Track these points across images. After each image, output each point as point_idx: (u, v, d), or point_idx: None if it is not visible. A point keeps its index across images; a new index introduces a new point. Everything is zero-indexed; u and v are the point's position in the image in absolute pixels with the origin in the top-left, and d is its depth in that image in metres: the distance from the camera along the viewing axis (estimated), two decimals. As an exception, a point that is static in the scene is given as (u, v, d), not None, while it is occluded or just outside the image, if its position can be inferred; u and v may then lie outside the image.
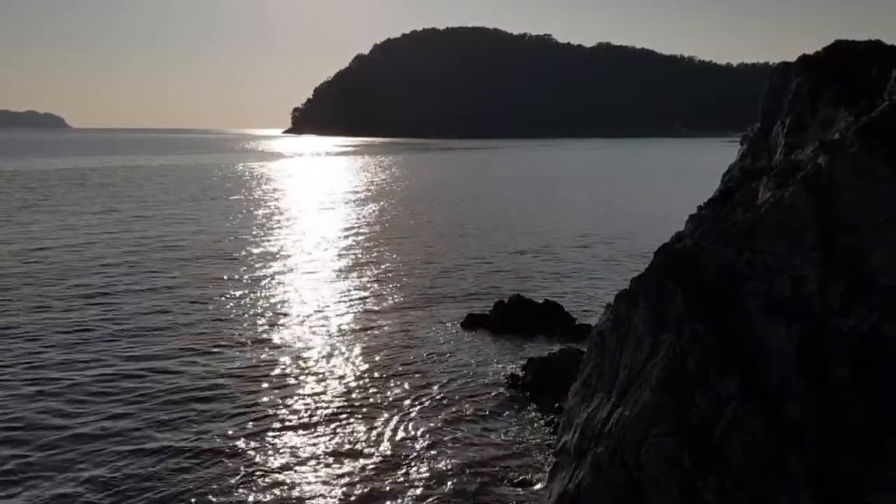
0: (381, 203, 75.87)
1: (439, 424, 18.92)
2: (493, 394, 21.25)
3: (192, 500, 15.08)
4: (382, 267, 40.45)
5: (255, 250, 45.11)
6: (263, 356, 24.28)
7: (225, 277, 36.52)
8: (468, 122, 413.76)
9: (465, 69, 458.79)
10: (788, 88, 15.95)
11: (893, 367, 10.26)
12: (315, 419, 19.13)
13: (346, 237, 52.19)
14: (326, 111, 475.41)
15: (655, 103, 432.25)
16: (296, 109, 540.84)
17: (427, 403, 20.40)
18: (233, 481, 15.80)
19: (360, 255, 44.30)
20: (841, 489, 9.99)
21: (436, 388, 21.66)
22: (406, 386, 21.74)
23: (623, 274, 36.39)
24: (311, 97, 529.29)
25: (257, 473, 16.15)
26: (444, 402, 20.56)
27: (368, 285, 35.76)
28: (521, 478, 15.97)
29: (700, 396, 11.42)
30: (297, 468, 16.41)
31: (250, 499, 15.11)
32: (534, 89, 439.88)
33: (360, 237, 52.13)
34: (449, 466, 16.54)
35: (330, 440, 17.91)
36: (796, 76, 15.70)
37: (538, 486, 15.34)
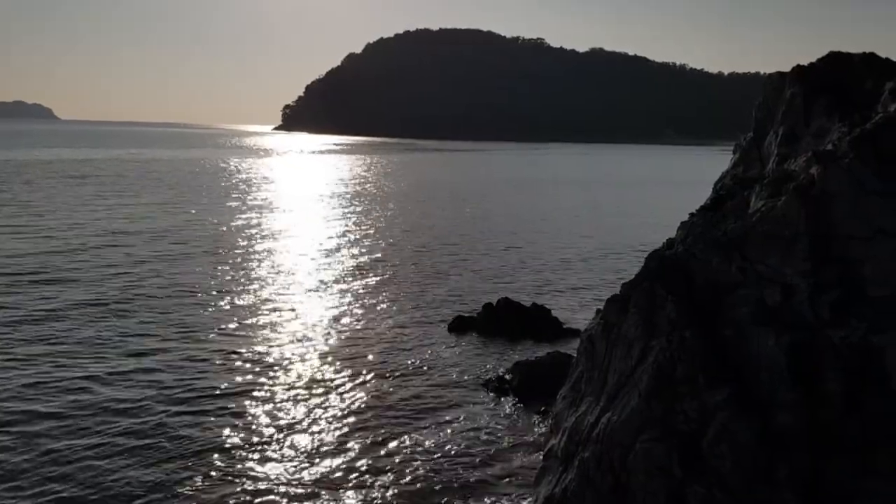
0: (369, 204, 75.74)
1: (424, 427, 18.85)
2: (479, 397, 21.20)
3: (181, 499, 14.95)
4: (369, 267, 40.35)
5: (243, 249, 44.90)
6: (245, 355, 24.10)
7: (207, 277, 36.24)
8: (459, 124, 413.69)
9: (458, 71, 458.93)
10: (782, 98, 16.01)
11: (883, 379, 10.30)
12: (296, 422, 18.95)
13: (335, 237, 52.06)
14: (317, 109, 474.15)
15: (647, 110, 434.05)
16: (287, 107, 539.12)
17: (412, 405, 20.32)
18: (217, 480, 15.68)
19: (346, 256, 44.19)
20: (829, 499, 10.01)
21: (421, 389, 21.58)
22: (390, 387, 21.65)
23: (612, 280, 36.51)
24: (302, 95, 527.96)
25: (242, 473, 16.02)
26: (429, 404, 20.49)
27: (355, 285, 35.65)
28: (506, 481, 15.93)
29: (689, 403, 11.41)
30: (279, 470, 16.27)
31: (231, 496, 15.00)
32: (527, 93, 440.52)
33: (348, 237, 52.02)
34: (433, 469, 16.47)
35: (311, 440, 17.79)
36: (790, 86, 15.76)
37: (524, 490, 15.31)
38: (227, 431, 18.04)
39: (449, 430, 18.67)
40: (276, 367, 22.92)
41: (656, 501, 11.04)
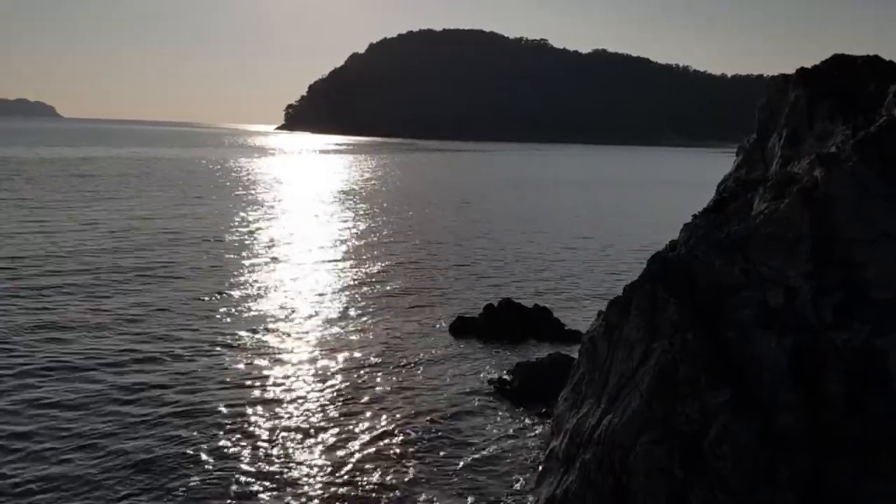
0: (371, 204, 75.72)
1: (425, 428, 18.81)
2: (480, 398, 21.17)
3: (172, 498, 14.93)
4: (370, 269, 40.33)
5: (244, 250, 44.86)
6: (246, 357, 24.01)
7: (206, 278, 36.15)
8: (461, 124, 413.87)
9: (460, 71, 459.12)
10: (786, 101, 16.01)
11: (885, 381, 10.28)
12: (298, 423, 18.89)
13: (337, 239, 52.04)
14: (320, 109, 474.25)
15: (649, 112, 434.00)
16: (289, 106, 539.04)
17: (413, 407, 20.28)
18: (215, 481, 15.66)
19: (348, 258, 44.15)
20: (831, 500, 9.99)
21: (422, 391, 21.55)
22: (392, 389, 21.60)
23: (614, 281, 36.48)
24: (304, 94, 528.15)
25: (241, 475, 16.00)
26: (430, 405, 20.44)
27: (356, 287, 35.63)
28: (507, 483, 15.91)
29: (690, 405, 11.41)
30: (280, 473, 16.21)
31: (233, 498, 14.98)
32: (528, 93, 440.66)
33: (350, 239, 51.99)
34: (435, 471, 16.46)
35: (313, 443, 17.76)
36: (794, 89, 15.76)
37: (525, 492, 15.29)
38: (228, 429, 18.03)
39: (449, 431, 18.64)
40: (275, 367, 22.89)
41: (657, 503, 11.02)
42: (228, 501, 14.83)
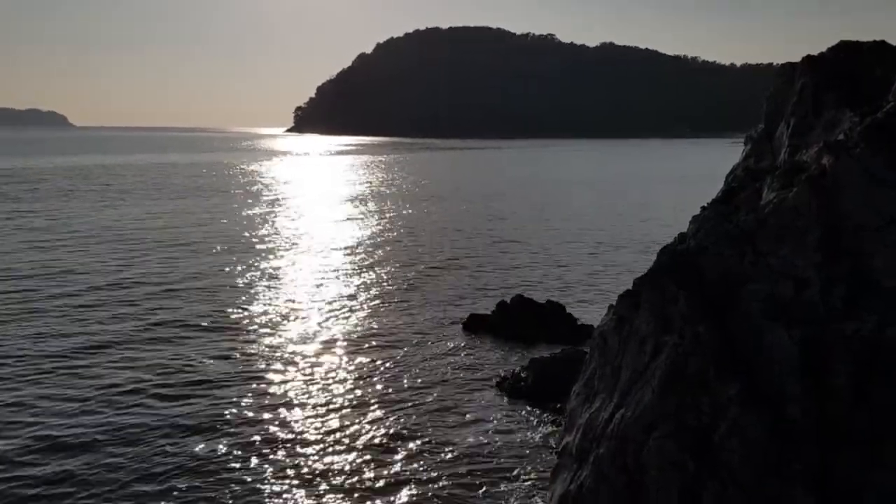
0: (382, 202, 75.92)
1: (439, 424, 18.89)
2: (494, 395, 21.22)
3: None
4: (383, 266, 40.45)
5: (254, 249, 45.12)
6: (256, 355, 24.20)
7: (217, 277, 36.40)
8: (470, 122, 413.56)
9: (468, 69, 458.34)
10: (792, 89, 15.90)
11: (891, 371, 10.18)
12: (310, 419, 19.04)
13: (348, 236, 52.23)
14: (329, 110, 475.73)
15: (659, 104, 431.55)
16: (298, 108, 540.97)
17: (427, 403, 20.37)
18: (223, 481, 15.77)
19: (361, 255, 44.31)
20: (838, 493, 9.93)
21: (436, 387, 21.63)
22: (405, 385, 21.71)
23: (625, 275, 36.34)
24: (313, 96, 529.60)
25: (248, 473, 16.10)
26: (444, 402, 20.52)
27: (369, 284, 35.77)
28: (521, 479, 15.94)
29: (701, 399, 11.36)
30: (289, 470, 16.30)
31: (241, 495, 15.09)
32: (537, 89, 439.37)
33: (362, 236, 52.17)
34: (448, 467, 16.51)
35: (320, 438, 17.87)
36: (800, 77, 15.64)
37: (539, 487, 15.31)
38: (239, 426, 18.15)
39: (463, 428, 18.68)
40: (290, 365, 23.04)
41: (669, 496, 10.99)
42: (231, 499, 14.94)
